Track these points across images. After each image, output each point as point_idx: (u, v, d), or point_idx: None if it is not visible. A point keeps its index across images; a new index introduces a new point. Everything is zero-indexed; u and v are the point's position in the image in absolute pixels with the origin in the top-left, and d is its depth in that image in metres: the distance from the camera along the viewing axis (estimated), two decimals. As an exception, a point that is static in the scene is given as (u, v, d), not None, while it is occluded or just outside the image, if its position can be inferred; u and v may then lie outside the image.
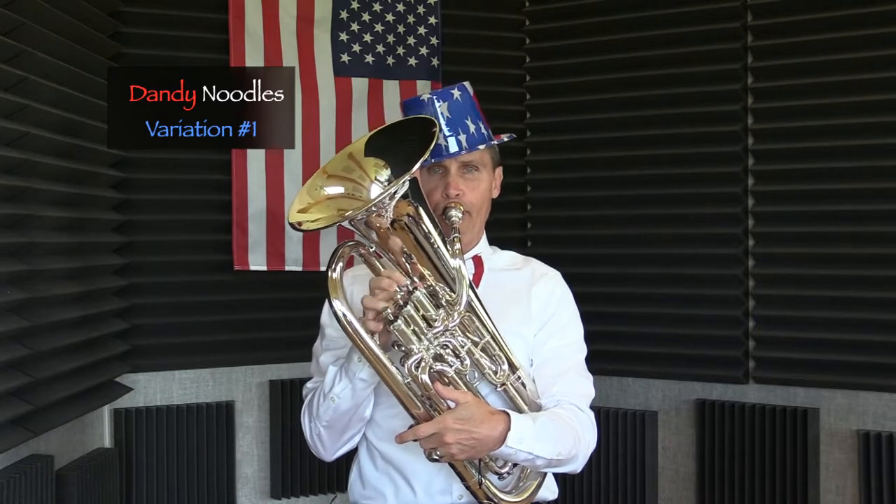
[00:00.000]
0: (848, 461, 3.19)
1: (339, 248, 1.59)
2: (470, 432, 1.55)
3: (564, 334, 1.85)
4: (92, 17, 2.97)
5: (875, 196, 3.13)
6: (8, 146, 2.44)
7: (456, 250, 1.63)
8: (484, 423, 1.57)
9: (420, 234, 1.60)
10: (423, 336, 1.56)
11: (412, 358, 1.55)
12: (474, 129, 1.81)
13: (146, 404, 3.32)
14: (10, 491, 2.39)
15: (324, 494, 3.58)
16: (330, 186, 1.62)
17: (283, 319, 3.48)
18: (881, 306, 3.11)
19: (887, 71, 3.09)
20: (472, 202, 1.79)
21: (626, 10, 3.51)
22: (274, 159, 3.40)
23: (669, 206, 3.45)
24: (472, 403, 1.58)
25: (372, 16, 3.54)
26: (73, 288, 2.83)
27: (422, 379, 1.55)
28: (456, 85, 1.83)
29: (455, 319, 1.58)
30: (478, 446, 1.58)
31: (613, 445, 3.46)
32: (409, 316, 1.55)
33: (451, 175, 1.78)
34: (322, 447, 1.79)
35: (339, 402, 1.70)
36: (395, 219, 1.56)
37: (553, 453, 1.65)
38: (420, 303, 1.56)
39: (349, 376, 1.68)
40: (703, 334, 3.39)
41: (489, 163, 1.85)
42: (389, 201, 1.53)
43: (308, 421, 1.78)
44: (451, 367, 1.58)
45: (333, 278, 1.55)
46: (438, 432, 1.55)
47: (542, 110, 3.72)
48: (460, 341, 1.60)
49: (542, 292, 1.86)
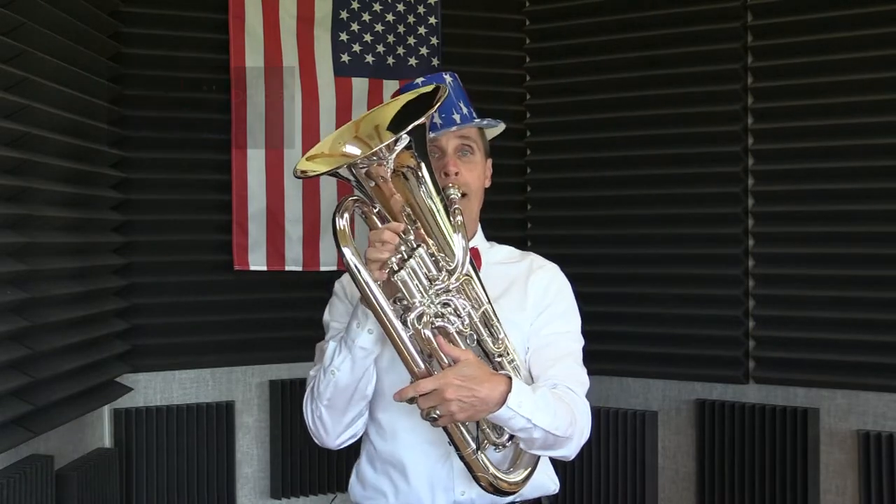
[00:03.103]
0: (848, 461, 3.19)
1: (344, 200, 1.59)
2: (471, 389, 1.54)
3: (562, 322, 1.84)
4: (92, 17, 2.97)
5: (875, 196, 3.13)
6: (8, 146, 2.44)
7: (457, 222, 1.64)
8: (485, 383, 1.56)
9: (422, 190, 1.61)
10: (425, 292, 1.57)
11: (415, 311, 1.55)
12: (467, 112, 1.84)
13: (146, 404, 3.32)
14: (10, 491, 2.39)
15: (324, 494, 3.58)
16: (349, 145, 1.63)
17: (283, 319, 3.48)
18: (881, 306, 3.12)
19: (887, 71, 3.09)
20: (468, 182, 1.81)
21: (626, 10, 3.51)
22: (274, 159, 3.40)
23: (669, 206, 3.45)
24: (474, 362, 1.57)
25: (372, 16, 3.54)
26: (74, 288, 2.83)
27: (424, 333, 1.55)
28: (447, 71, 1.88)
29: (456, 281, 1.59)
30: (478, 405, 1.56)
31: (613, 445, 3.46)
32: (412, 269, 1.56)
33: (448, 155, 1.81)
34: (324, 430, 1.76)
35: (339, 374, 1.69)
36: (396, 168, 1.56)
37: (551, 425, 1.63)
38: (423, 259, 1.58)
39: (349, 346, 1.68)
40: (703, 334, 3.39)
41: (481, 145, 1.88)
42: (388, 153, 1.53)
43: (310, 403, 1.76)
44: (452, 325, 1.58)
45: (341, 227, 1.55)
46: (439, 388, 1.53)
47: (542, 110, 3.72)
48: (461, 303, 1.60)
49: (540, 282, 1.86)
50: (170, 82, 3.31)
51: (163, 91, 3.29)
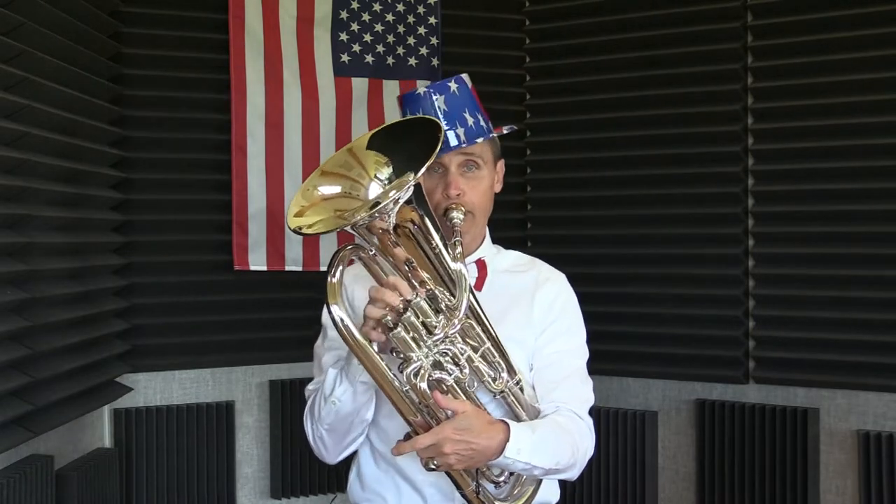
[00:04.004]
0: (848, 461, 3.19)
1: (340, 252, 1.54)
2: (468, 443, 1.52)
3: (566, 339, 1.82)
4: (92, 17, 2.97)
5: (875, 196, 3.13)
6: (8, 146, 2.44)
7: (457, 254, 1.59)
8: (483, 434, 1.54)
9: (422, 240, 1.56)
10: (422, 343, 1.52)
11: (411, 366, 1.51)
12: (473, 122, 1.74)
13: (146, 404, 3.32)
14: (10, 491, 2.39)
15: (324, 494, 3.58)
16: (325, 186, 1.56)
17: (283, 319, 3.48)
18: (881, 306, 3.12)
19: (887, 71, 3.09)
20: (473, 202, 1.74)
21: (626, 10, 3.51)
22: (274, 159, 3.40)
23: (669, 206, 3.45)
24: (471, 413, 1.54)
25: (372, 16, 3.54)
26: (73, 288, 2.83)
27: (420, 387, 1.51)
28: (453, 77, 1.76)
29: (455, 326, 1.54)
30: (476, 456, 1.55)
31: (613, 445, 3.46)
32: (408, 323, 1.50)
33: (451, 174, 1.72)
34: (325, 450, 1.77)
35: (340, 405, 1.67)
36: (398, 224, 1.52)
37: (551, 463, 1.63)
38: (420, 309, 1.51)
39: (350, 379, 1.65)
40: (703, 334, 3.39)
41: (490, 157, 1.79)
42: (393, 206, 1.48)
43: (310, 424, 1.75)
44: (450, 376, 1.54)
45: (333, 283, 1.50)
46: (437, 443, 1.52)
47: (542, 110, 3.72)
48: (460, 348, 1.56)
49: (546, 296, 1.82)
50: (170, 82, 3.31)
51: (163, 91, 3.30)
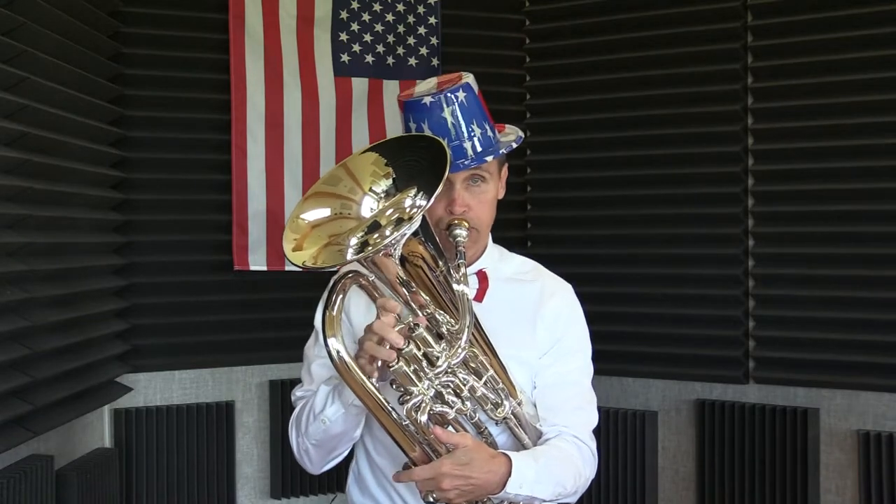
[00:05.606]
0: (848, 461, 3.19)
1: (339, 282, 1.46)
2: (468, 478, 1.48)
3: (570, 359, 1.74)
4: (92, 17, 2.97)
5: (875, 196, 3.13)
6: (8, 146, 2.44)
7: (461, 276, 1.51)
8: (483, 468, 1.49)
9: (427, 269, 1.49)
10: (423, 376, 1.45)
11: (412, 400, 1.44)
12: (480, 134, 1.64)
13: (146, 404, 3.32)
14: (10, 491, 2.39)
15: (324, 494, 3.58)
16: (311, 212, 1.47)
17: (283, 319, 3.48)
18: (881, 306, 3.12)
19: (887, 71, 3.09)
20: (478, 217, 1.65)
21: (626, 10, 3.51)
22: (274, 159, 3.40)
23: (669, 206, 3.45)
24: (472, 448, 1.49)
25: (372, 16, 3.54)
26: (74, 288, 2.83)
27: (421, 421, 1.45)
28: (460, 85, 1.64)
29: (458, 357, 1.46)
30: (476, 491, 1.50)
31: (613, 445, 3.46)
32: (410, 356, 1.44)
33: (455, 189, 1.62)
34: (309, 462, 1.71)
35: (331, 424, 1.60)
36: (404, 256, 1.45)
37: (553, 494, 1.59)
38: (422, 339, 1.45)
39: (342, 401, 1.58)
40: (703, 334, 3.39)
41: (496, 169, 1.70)
42: (400, 238, 1.40)
43: (296, 436, 1.68)
44: (451, 408, 1.48)
45: (331, 316, 1.42)
46: (435, 478, 1.47)
47: (542, 110, 3.72)
48: (462, 378, 1.50)
49: (550, 314, 1.74)
50: (170, 82, 3.31)
51: (163, 91, 3.30)
